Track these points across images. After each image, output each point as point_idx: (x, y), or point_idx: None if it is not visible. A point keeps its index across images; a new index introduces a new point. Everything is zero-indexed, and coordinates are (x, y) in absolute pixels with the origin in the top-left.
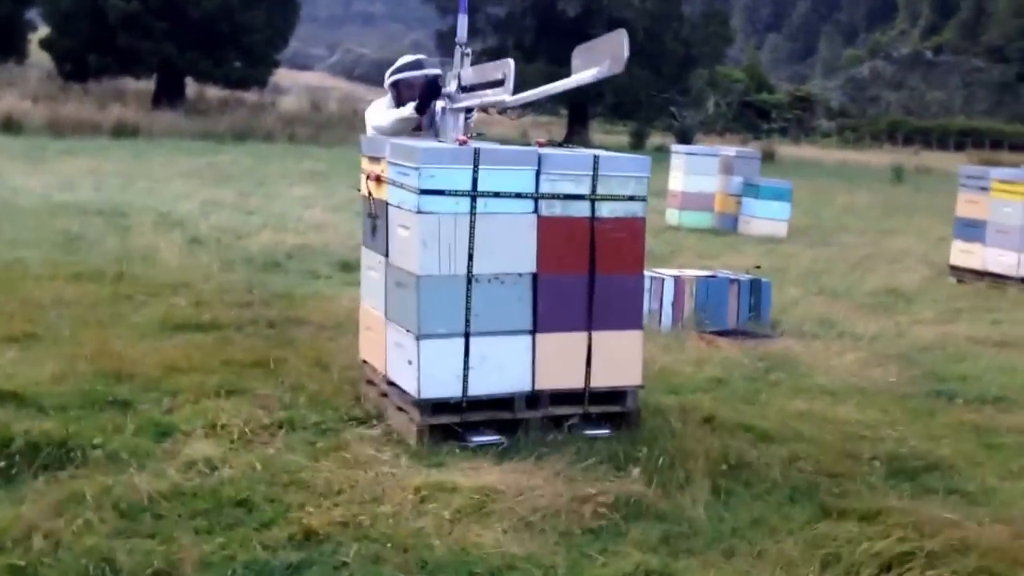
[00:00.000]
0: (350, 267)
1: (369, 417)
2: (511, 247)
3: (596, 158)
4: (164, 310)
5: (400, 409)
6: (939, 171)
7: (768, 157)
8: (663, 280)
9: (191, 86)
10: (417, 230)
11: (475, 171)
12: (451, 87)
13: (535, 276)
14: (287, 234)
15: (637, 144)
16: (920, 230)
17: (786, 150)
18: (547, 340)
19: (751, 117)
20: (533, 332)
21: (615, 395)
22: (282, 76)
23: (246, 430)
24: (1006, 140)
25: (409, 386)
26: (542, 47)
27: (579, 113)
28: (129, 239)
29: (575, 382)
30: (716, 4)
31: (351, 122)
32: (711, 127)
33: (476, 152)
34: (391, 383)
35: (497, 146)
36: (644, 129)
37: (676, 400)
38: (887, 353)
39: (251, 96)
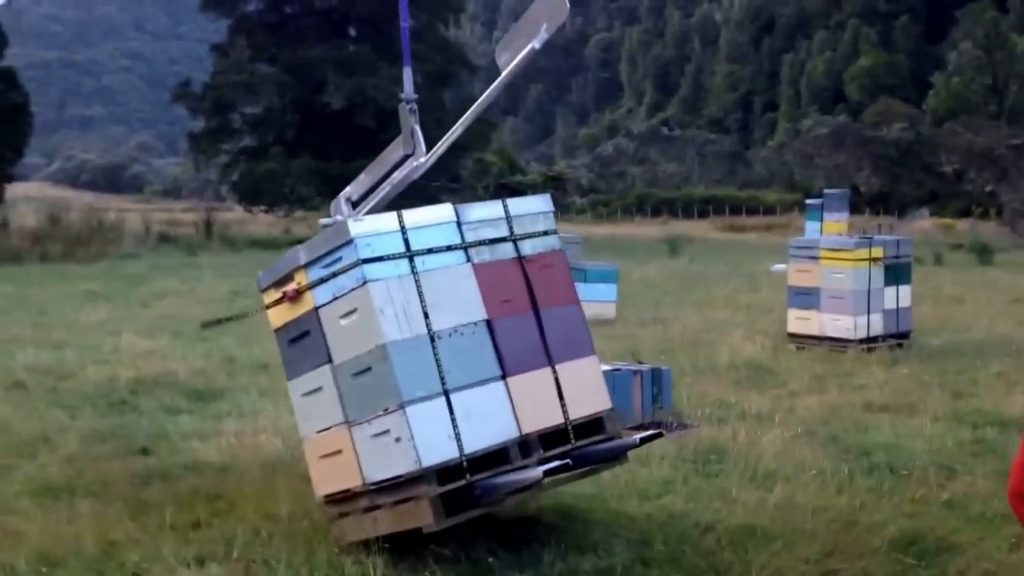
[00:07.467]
0: (206, 397)
1: (368, 550)
2: (459, 299)
3: (504, 203)
4: (37, 476)
5: (398, 503)
6: (698, 239)
7: None
8: None
9: None
10: (371, 300)
11: (404, 232)
12: (343, 209)
13: (488, 322)
14: (115, 367)
15: None
16: (727, 300)
17: None
18: (519, 382)
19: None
20: (504, 377)
21: (593, 424)
22: None
23: None
24: (743, 205)
25: (405, 463)
26: (307, 142)
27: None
28: None
29: (556, 418)
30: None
31: (103, 234)
32: None
33: (399, 214)
34: (377, 486)
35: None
36: None
37: (653, 507)
38: (799, 431)
39: None
